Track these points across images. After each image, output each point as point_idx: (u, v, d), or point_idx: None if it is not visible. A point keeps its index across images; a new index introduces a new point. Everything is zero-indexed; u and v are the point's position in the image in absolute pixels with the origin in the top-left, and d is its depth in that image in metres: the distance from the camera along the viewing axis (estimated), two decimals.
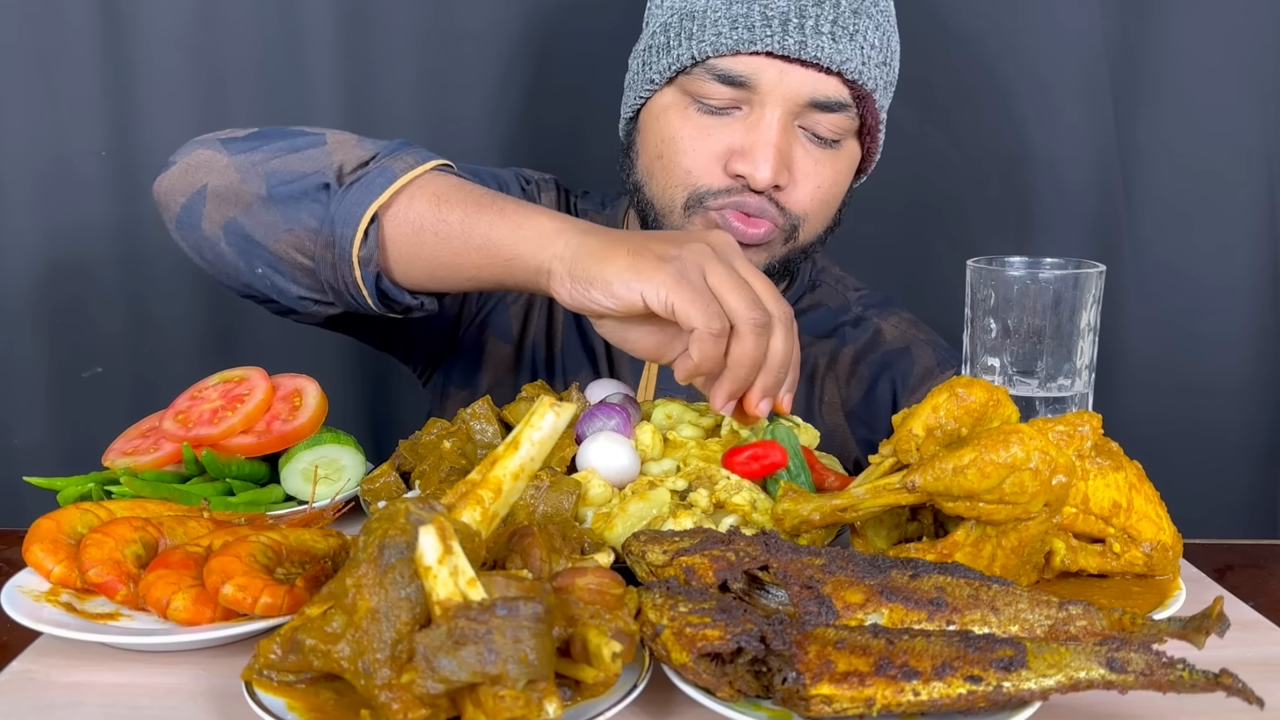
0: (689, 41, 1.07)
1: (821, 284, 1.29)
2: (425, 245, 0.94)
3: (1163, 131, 1.50)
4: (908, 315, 1.28)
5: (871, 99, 1.08)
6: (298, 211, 0.95)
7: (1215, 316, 1.54)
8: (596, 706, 0.66)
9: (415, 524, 0.65)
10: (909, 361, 1.22)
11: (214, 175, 0.98)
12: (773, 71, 1.05)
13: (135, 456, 0.99)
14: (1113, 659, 0.64)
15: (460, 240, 0.92)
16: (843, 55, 1.04)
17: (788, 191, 1.09)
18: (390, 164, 0.96)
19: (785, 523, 0.82)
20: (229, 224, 0.98)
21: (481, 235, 0.92)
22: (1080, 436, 0.82)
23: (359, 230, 0.93)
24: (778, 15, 1.04)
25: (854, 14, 1.06)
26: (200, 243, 1.00)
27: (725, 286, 0.83)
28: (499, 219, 0.91)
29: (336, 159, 0.96)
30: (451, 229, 0.93)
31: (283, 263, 0.98)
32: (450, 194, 0.94)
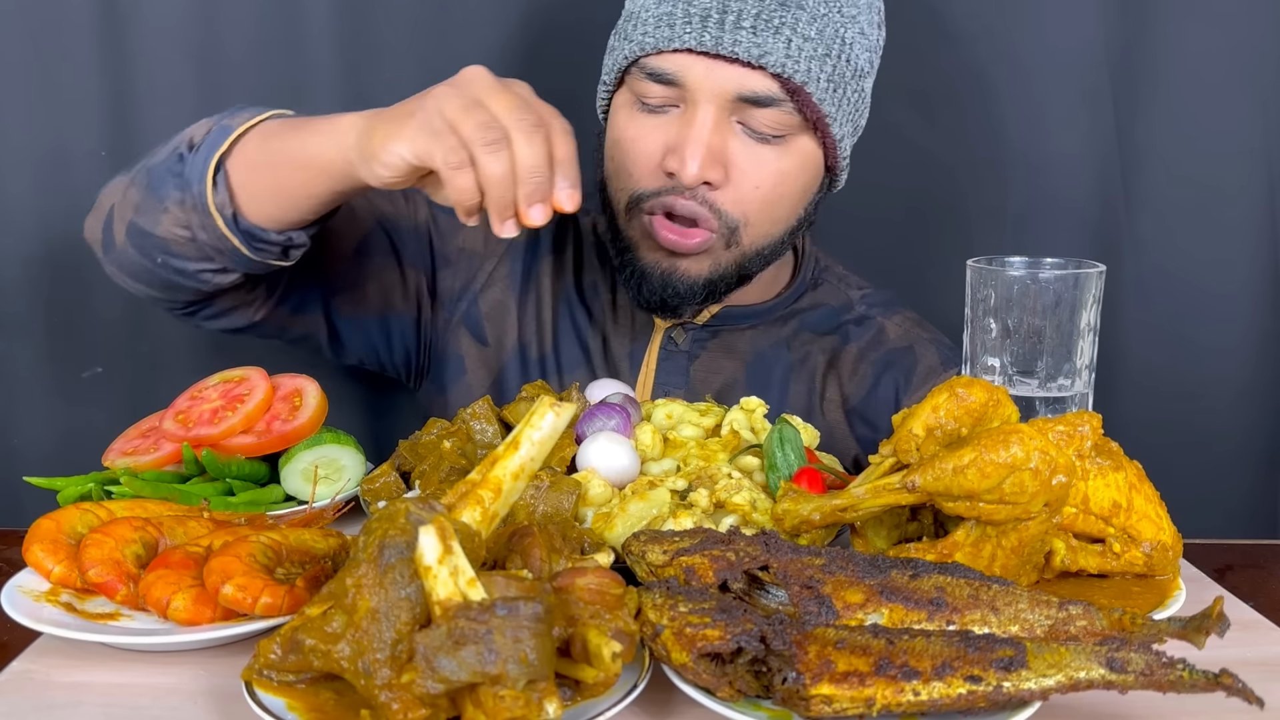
0: (625, 42, 1.09)
1: (824, 283, 1.29)
2: (263, 178, 1.00)
3: (1163, 135, 1.50)
4: (912, 314, 1.27)
5: (804, 92, 1.05)
6: (166, 189, 1.03)
7: (1215, 318, 1.54)
8: (596, 706, 0.66)
9: (415, 524, 0.65)
10: (912, 360, 1.22)
11: (116, 196, 1.08)
12: (699, 68, 1.04)
13: (135, 456, 0.99)
14: (1113, 659, 0.64)
15: (287, 164, 0.99)
16: (763, 49, 1.03)
17: (724, 190, 1.07)
18: (228, 122, 1.03)
19: (785, 523, 0.82)
20: (129, 228, 1.06)
21: (299, 153, 0.98)
22: (1080, 436, 0.82)
23: (207, 181, 1.00)
24: (699, 12, 1.04)
25: (781, 6, 1.04)
26: (118, 258, 1.09)
27: (458, 118, 0.86)
28: (311, 134, 0.98)
29: (189, 135, 1.04)
30: (277, 156, 1.00)
31: (171, 243, 1.04)
32: (278, 129, 1.01)
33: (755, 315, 1.23)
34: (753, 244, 1.11)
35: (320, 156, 0.97)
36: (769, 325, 1.23)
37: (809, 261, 1.28)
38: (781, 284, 1.26)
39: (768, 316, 1.23)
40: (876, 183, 1.52)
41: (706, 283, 1.12)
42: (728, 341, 1.22)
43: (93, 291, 1.52)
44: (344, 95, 1.49)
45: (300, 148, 0.98)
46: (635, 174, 1.10)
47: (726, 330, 1.22)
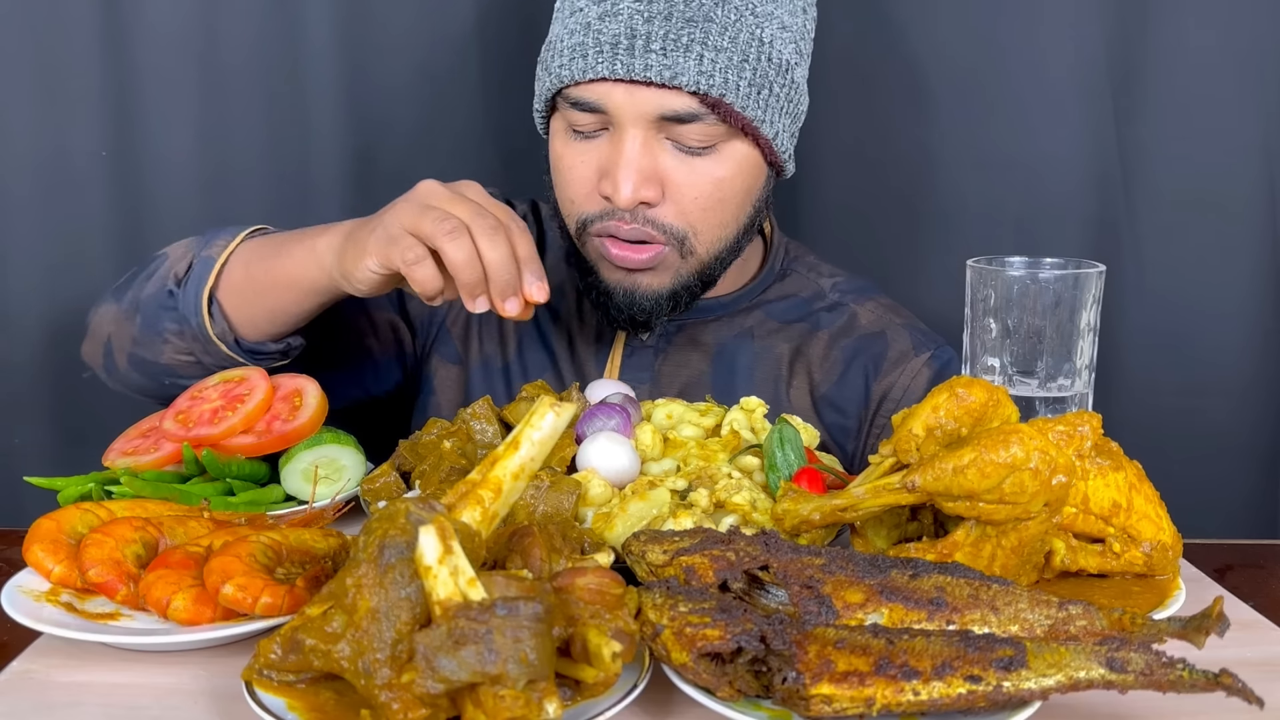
0: (546, 73, 1.11)
1: (792, 273, 1.28)
2: (252, 303, 1.08)
3: (1163, 135, 1.50)
4: (886, 300, 1.27)
5: (724, 104, 1.06)
6: (162, 323, 1.10)
7: (1215, 316, 1.54)
8: (596, 706, 0.66)
9: (415, 524, 0.65)
10: (883, 345, 1.22)
11: (110, 325, 1.15)
12: (619, 94, 1.05)
13: (135, 456, 0.99)
14: (1113, 659, 0.64)
15: (271, 289, 1.07)
16: (674, 70, 1.03)
17: (662, 206, 1.08)
18: (206, 253, 1.10)
19: (785, 522, 0.82)
20: (130, 359, 1.13)
21: (283, 277, 1.06)
22: (1080, 436, 0.82)
23: (204, 316, 1.07)
24: (609, 40, 1.05)
25: (688, 23, 1.05)
26: (123, 381, 1.16)
27: (414, 222, 0.93)
28: (288, 259, 1.05)
29: (174, 268, 1.11)
30: (261, 283, 1.07)
31: (175, 369, 1.11)
32: (254, 254, 1.09)
33: (720, 307, 1.24)
34: (708, 250, 1.13)
35: (304, 278, 1.04)
36: (732, 316, 1.24)
37: (777, 252, 1.28)
38: (748, 275, 1.26)
39: (732, 308, 1.24)
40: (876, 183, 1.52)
41: (671, 294, 1.13)
42: (693, 335, 1.23)
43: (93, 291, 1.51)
44: (343, 96, 1.50)
45: (284, 271, 1.05)
46: (576, 199, 1.12)
47: (692, 324, 1.23)
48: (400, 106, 1.51)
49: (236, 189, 1.51)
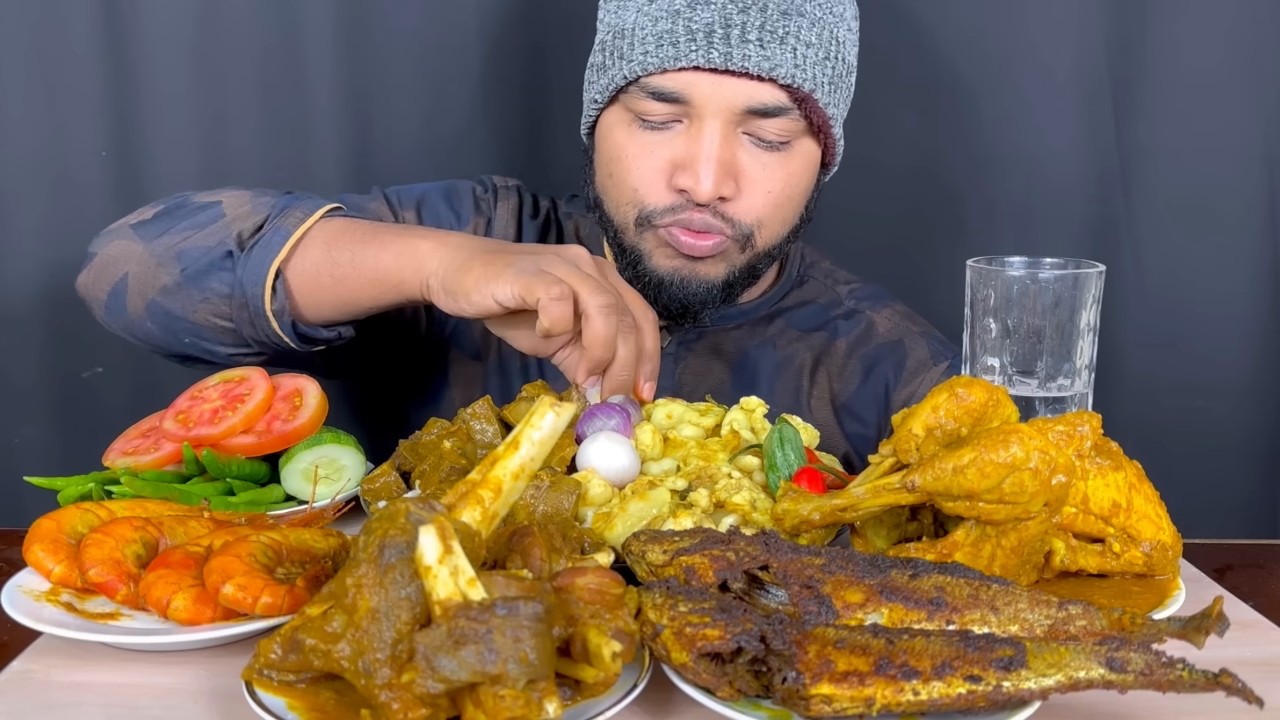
0: (621, 61, 1.08)
1: (809, 279, 1.28)
2: (325, 288, 1.04)
3: (1163, 134, 1.50)
4: (901, 308, 1.27)
5: (812, 99, 1.06)
6: (209, 282, 1.04)
7: (1215, 317, 1.54)
8: (596, 706, 0.66)
9: (415, 524, 0.65)
10: (902, 354, 1.22)
11: (131, 264, 1.07)
12: (705, 84, 1.04)
13: (135, 456, 0.99)
14: (1112, 659, 0.64)
15: (354, 277, 1.03)
16: (772, 61, 1.02)
17: (736, 201, 1.08)
18: (282, 222, 1.04)
19: (785, 522, 0.82)
20: (150, 306, 1.07)
21: (370, 269, 1.02)
22: (1080, 436, 0.82)
23: (266, 288, 1.03)
24: (703, 28, 1.03)
25: (783, 15, 1.04)
26: (129, 325, 1.10)
27: (572, 277, 0.93)
28: (382, 251, 1.02)
29: (235, 228, 1.05)
30: (344, 269, 1.03)
31: (205, 329, 1.07)
32: (338, 237, 1.04)
33: (741, 315, 1.23)
34: (765, 246, 1.12)
35: (394, 276, 1.01)
36: (754, 325, 1.24)
37: (794, 259, 1.28)
38: (767, 283, 1.26)
39: (753, 315, 1.24)
40: (876, 183, 1.52)
41: (724, 284, 1.13)
42: (714, 342, 1.22)
43: None
44: (343, 95, 1.50)
45: (371, 266, 1.02)
46: (641, 189, 1.09)
47: (712, 331, 1.22)
48: (400, 106, 1.51)
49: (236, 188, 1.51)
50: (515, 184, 1.30)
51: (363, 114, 1.50)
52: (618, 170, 1.11)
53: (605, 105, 1.12)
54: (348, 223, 1.06)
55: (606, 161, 1.12)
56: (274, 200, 1.08)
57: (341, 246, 1.03)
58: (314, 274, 1.04)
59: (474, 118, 1.54)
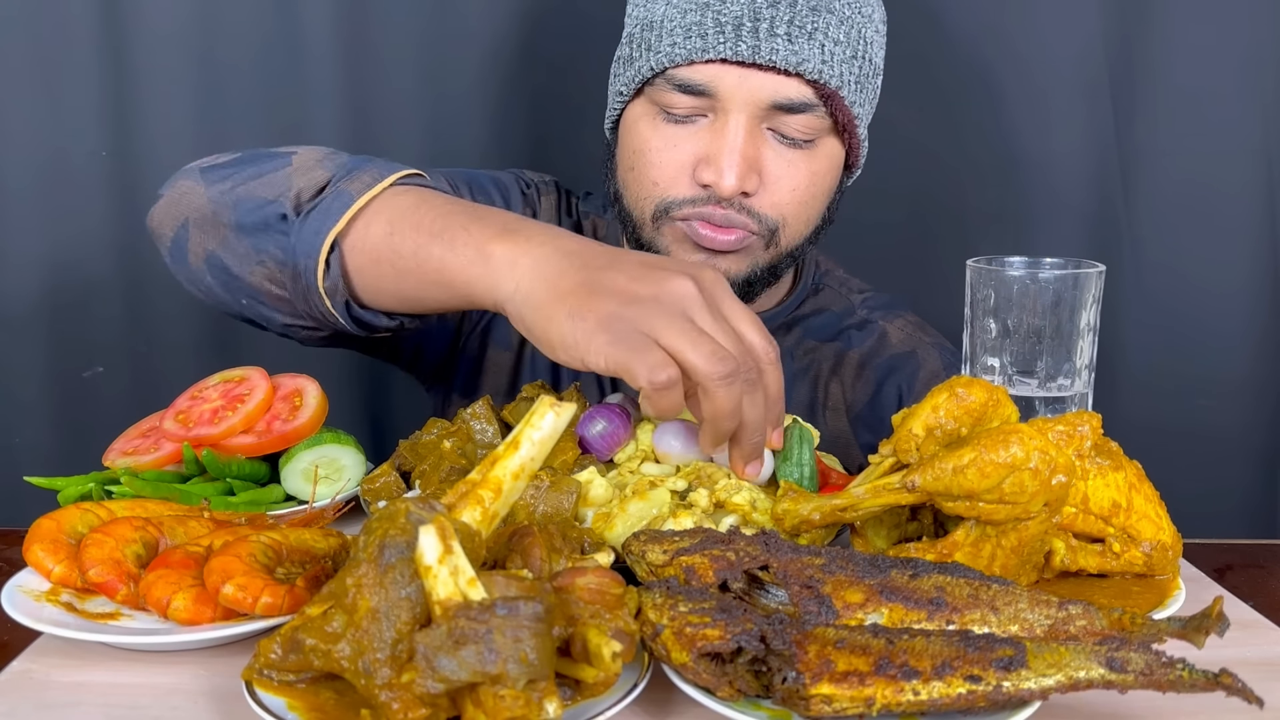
0: (648, 53, 1.07)
1: (825, 287, 1.28)
2: (385, 278, 0.91)
3: (1162, 132, 1.50)
4: (914, 318, 1.27)
5: (838, 97, 1.05)
6: (264, 242, 0.94)
7: (1215, 316, 1.54)
8: (596, 706, 0.66)
9: (415, 524, 0.65)
10: (915, 365, 1.21)
11: (193, 208, 0.98)
12: (731, 78, 1.03)
13: (135, 456, 0.99)
14: (1112, 659, 0.64)
15: (416, 275, 0.89)
16: (800, 56, 1.02)
17: (759, 196, 1.07)
18: (346, 186, 0.92)
19: (785, 522, 0.82)
20: (210, 257, 0.97)
21: (434, 270, 0.88)
22: (1080, 436, 0.82)
23: (319, 263, 0.91)
24: (731, 21, 1.02)
25: (812, 11, 1.03)
26: (191, 276, 1.01)
27: (682, 344, 0.77)
28: (449, 252, 0.86)
29: (296, 184, 0.93)
30: (406, 263, 0.89)
31: (261, 294, 0.97)
32: (404, 219, 0.90)
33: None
34: (788, 244, 1.11)
35: (462, 284, 0.86)
36: (772, 334, 1.23)
37: (809, 267, 1.27)
38: (783, 291, 1.25)
39: (770, 324, 1.23)
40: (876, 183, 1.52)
41: (745, 282, 1.11)
42: None
43: (93, 291, 1.52)
44: (343, 95, 1.50)
45: (435, 267, 0.87)
46: (662, 182, 1.08)
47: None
48: (400, 106, 1.51)
49: None
50: (551, 179, 1.29)
51: (363, 114, 1.50)
52: (640, 163, 1.09)
53: (630, 98, 1.11)
54: (419, 199, 0.91)
55: (629, 154, 1.11)
56: (347, 158, 0.96)
57: (406, 233, 0.89)
58: (374, 259, 0.90)
59: (474, 118, 1.54)
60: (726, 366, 0.77)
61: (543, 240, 0.84)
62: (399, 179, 0.93)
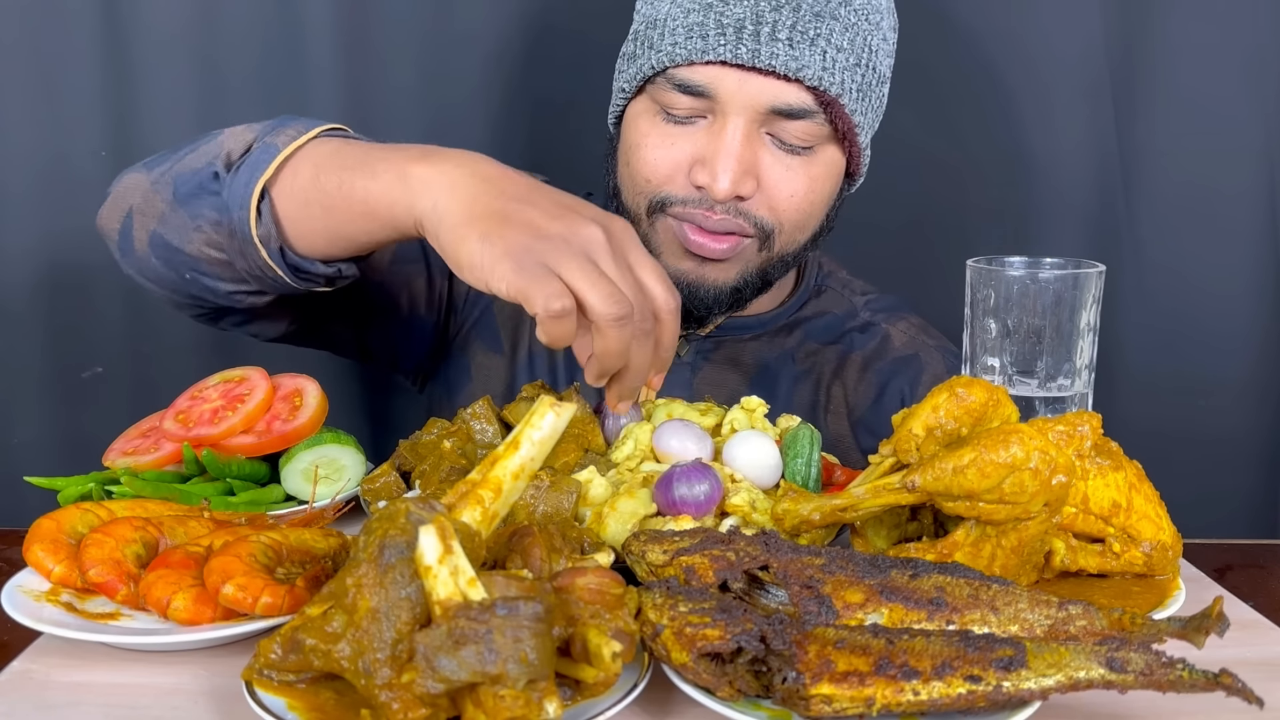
0: (650, 51, 1.06)
1: (827, 289, 1.28)
2: (315, 217, 0.93)
3: (1163, 132, 1.50)
4: (917, 320, 1.26)
5: (838, 104, 1.04)
6: (199, 207, 0.95)
7: (1215, 317, 1.54)
8: (596, 706, 0.66)
9: (415, 524, 0.65)
10: (918, 368, 1.21)
11: (135, 195, 1.00)
12: (731, 80, 1.03)
13: (136, 456, 0.99)
14: (1112, 659, 0.64)
15: (343, 207, 0.91)
16: (800, 62, 1.01)
17: (755, 200, 1.07)
18: (272, 140, 0.94)
19: (785, 522, 0.82)
20: (152, 237, 0.99)
21: (359, 199, 0.90)
22: (1080, 436, 0.82)
23: (250, 211, 0.93)
24: (733, 23, 1.02)
25: (815, 17, 1.02)
26: (139, 264, 1.02)
27: (581, 282, 0.79)
28: (370, 179, 0.90)
29: (226, 147, 0.96)
30: (332, 198, 0.91)
31: (202, 262, 0.98)
32: (328, 160, 0.93)
33: (759, 325, 1.22)
34: (782, 250, 1.11)
35: (384, 210, 0.89)
36: (773, 335, 1.23)
37: (811, 268, 1.27)
38: (785, 292, 1.25)
39: (771, 326, 1.23)
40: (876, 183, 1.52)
41: (734, 289, 1.11)
42: (731, 353, 1.21)
43: (93, 291, 1.52)
44: (343, 97, 1.50)
45: (360, 196, 0.90)
46: (656, 180, 1.08)
47: (730, 341, 1.21)
48: (400, 106, 1.51)
49: None
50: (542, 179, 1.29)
51: (363, 113, 1.50)
52: (635, 159, 1.09)
53: (633, 95, 1.10)
54: (343, 143, 0.95)
55: (627, 149, 1.11)
56: (273, 122, 0.98)
57: (331, 171, 0.92)
58: (302, 201, 0.93)
59: (474, 119, 1.54)
60: (620, 309, 0.80)
61: (460, 162, 0.87)
62: (324, 130, 0.96)
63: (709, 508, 0.85)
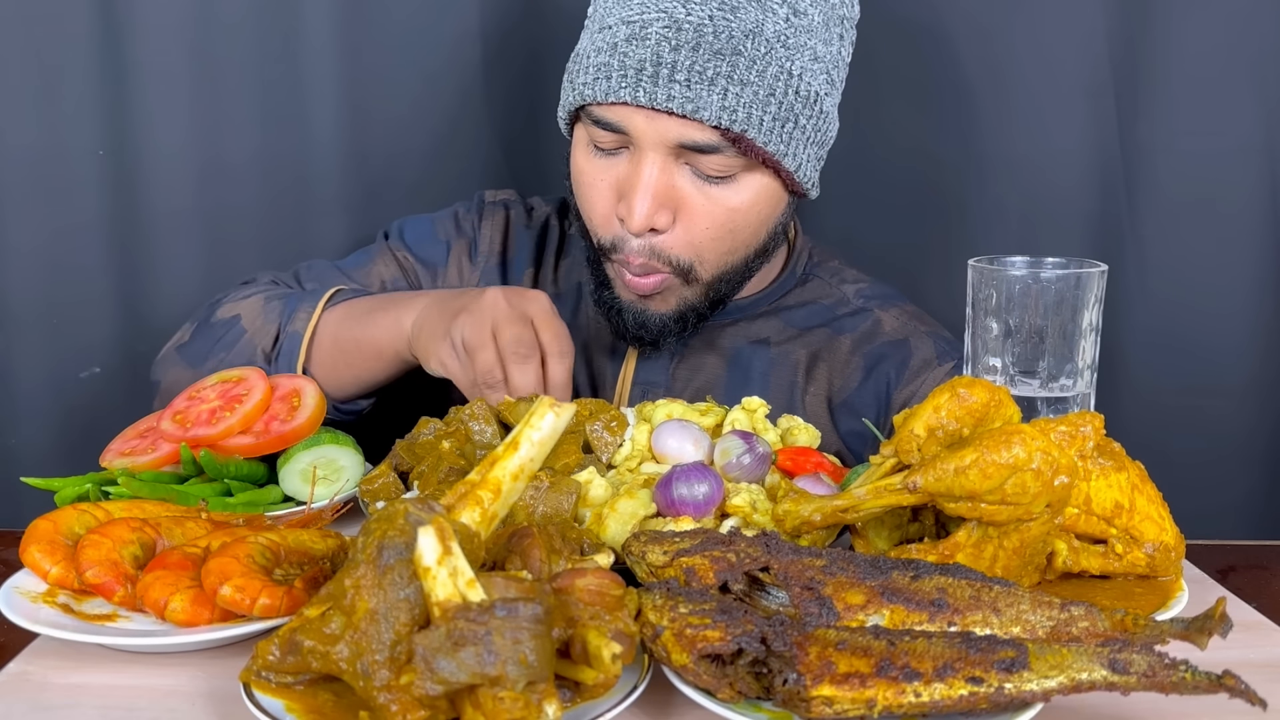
0: (570, 87, 1.11)
1: (813, 278, 1.27)
2: (340, 370, 1.15)
3: (1166, 133, 1.50)
4: (911, 308, 1.26)
5: (745, 139, 1.05)
6: None
7: (1218, 316, 1.53)
8: (596, 708, 0.66)
9: (414, 525, 0.65)
10: (906, 352, 1.21)
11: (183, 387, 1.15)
12: (640, 118, 1.05)
13: (133, 457, 0.98)
14: (1115, 660, 0.64)
15: (359, 357, 1.14)
16: (697, 103, 1.02)
17: (672, 234, 1.08)
18: (292, 328, 1.15)
19: (786, 524, 0.82)
20: None
21: (370, 348, 1.13)
22: (1082, 437, 0.81)
23: None
24: (634, 65, 1.04)
25: (715, 55, 1.03)
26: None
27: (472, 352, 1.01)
28: (373, 329, 1.12)
29: (258, 343, 1.16)
30: (351, 354, 1.14)
31: None
32: (339, 325, 1.15)
33: (738, 310, 1.23)
34: (713, 276, 1.13)
35: (387, 348, 1.11)
36: (750, 321, 1.23)
37: (799, 257, 1.27)
38: (769, 279, 1.25)
39: (750, 312, 1.23)
40: (878, 182, 1.52)
41: (678, 317, 1.15)
42: (709, 338, 1.22)
43: (91, 292, 1.52)
44: (341, 93, 1.49)
45: (371, 341, 1.12)
46: (595, 220, 1.13)
47: (708, 327, 1.22)
48: (399, 103, 1.51)
49: (234, 188, 1.50)
50: (505, 198, 1.33)
51: (361, 112, 1.50)
52: (580, 195, 1.14)
53: (571, 122, 1.15)
54: (348, 306, 1.16)
55: (574, 180, 1.15)
56: (281, 305, 1.17)
57: (344, 332, 1.14)
58: (329, 366, 1.14)
59: (474, 119, 1.53)
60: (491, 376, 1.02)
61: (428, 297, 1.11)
62: (327, 300, 1.17)
63: (709, 508, 0.86)
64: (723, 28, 1.04)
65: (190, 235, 1.49)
